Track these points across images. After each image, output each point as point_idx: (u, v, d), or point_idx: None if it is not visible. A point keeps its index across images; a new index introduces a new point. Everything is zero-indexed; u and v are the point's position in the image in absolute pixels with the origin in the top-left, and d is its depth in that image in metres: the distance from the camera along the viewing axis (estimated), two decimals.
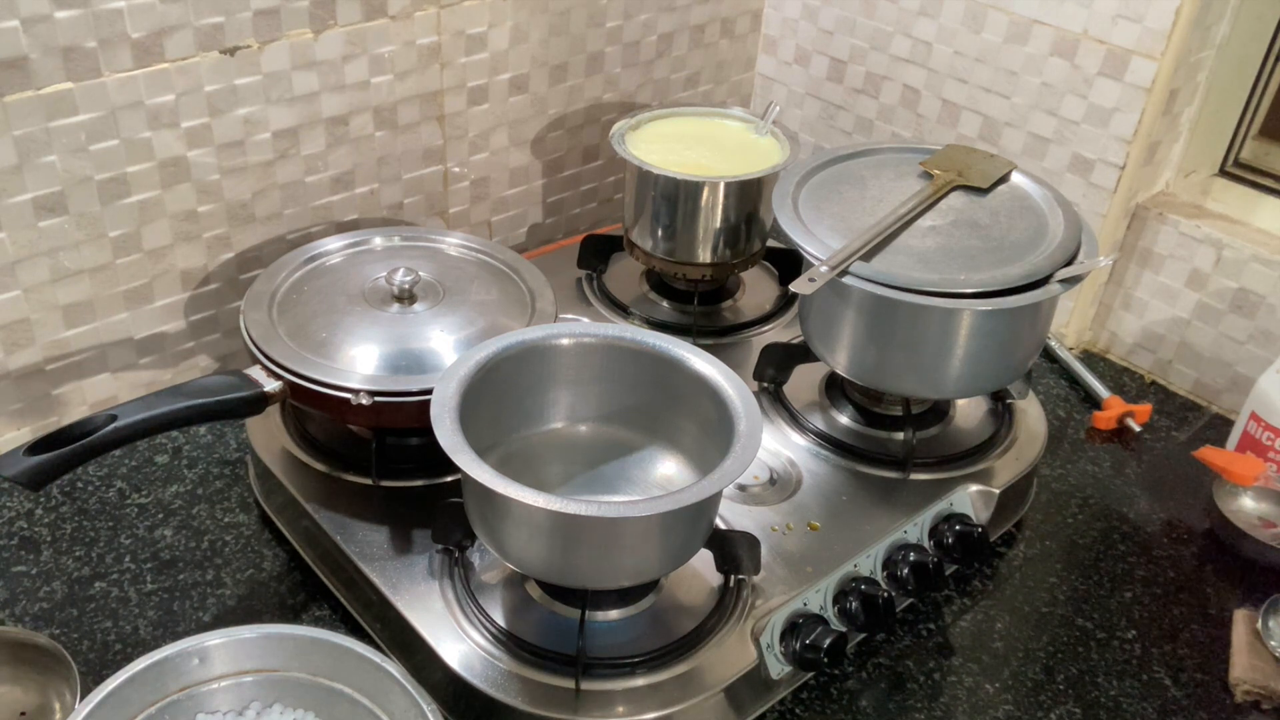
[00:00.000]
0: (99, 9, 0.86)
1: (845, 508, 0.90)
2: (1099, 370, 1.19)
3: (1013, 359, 0.92)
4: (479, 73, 1.13)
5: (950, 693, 0.84)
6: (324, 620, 0.86)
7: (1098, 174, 1.13)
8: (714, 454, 0.74)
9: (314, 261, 0.95)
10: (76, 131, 0.89)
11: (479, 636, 0.77)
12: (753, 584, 0.82)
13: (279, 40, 0.97)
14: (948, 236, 0.90)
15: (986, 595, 0.93)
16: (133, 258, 0.98)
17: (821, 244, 0.88)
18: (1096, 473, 1.07)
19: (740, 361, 1.03)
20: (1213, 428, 1.14)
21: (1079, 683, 0.86)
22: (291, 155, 1.03)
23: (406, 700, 0.68)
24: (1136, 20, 1.05)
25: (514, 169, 1.23)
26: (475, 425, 0.74)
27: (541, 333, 0.82)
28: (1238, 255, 1.10)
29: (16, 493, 0.95)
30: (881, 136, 1.31)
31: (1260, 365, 1.06)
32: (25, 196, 0.89)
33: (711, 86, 1.38)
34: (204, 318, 1.05)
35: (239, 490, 0.97)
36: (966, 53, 1.19)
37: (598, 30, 1.21)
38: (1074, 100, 1.12)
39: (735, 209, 1.07)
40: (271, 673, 0.71)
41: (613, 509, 0.70)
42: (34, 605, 0.86)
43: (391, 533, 0.85)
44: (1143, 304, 1.18)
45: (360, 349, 0.86)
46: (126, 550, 0.91)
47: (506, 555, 0.75)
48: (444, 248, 0.99)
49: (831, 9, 1.29)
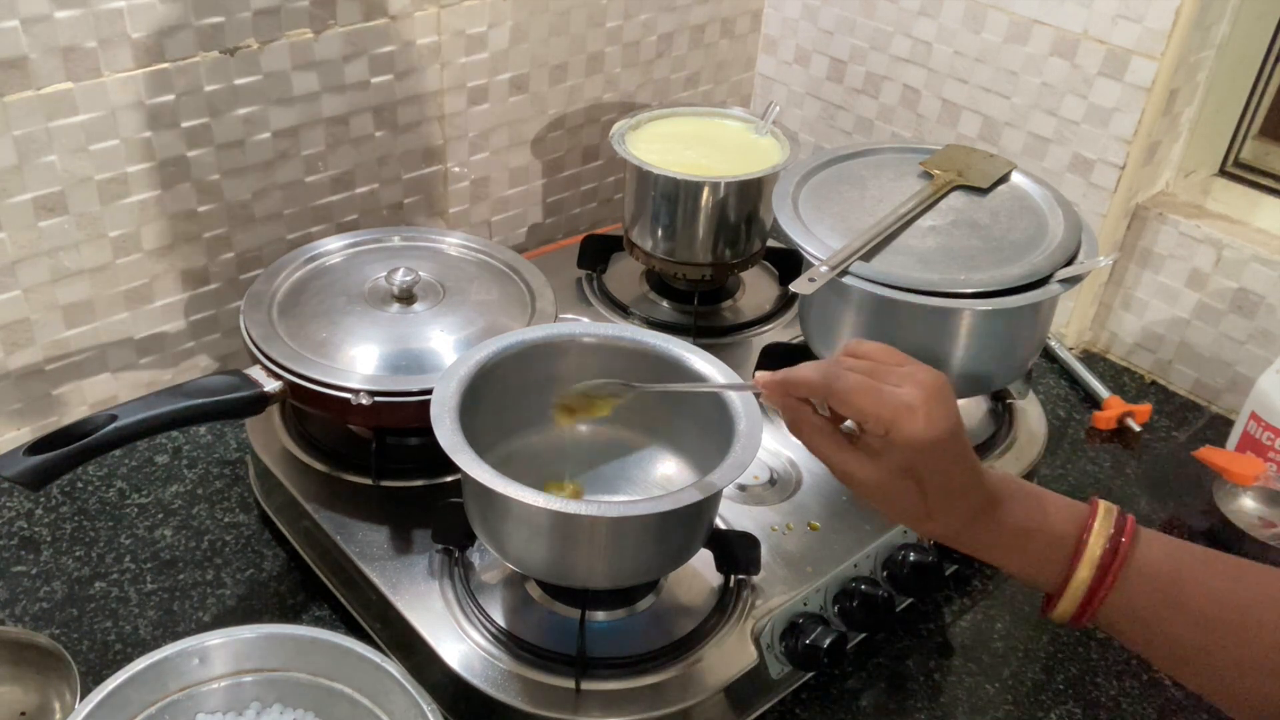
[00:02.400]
0: (99, 9, 0.86)
1: (845, 508, 0.89)
2: (1099, 370, 1.19)
3: (1013, 359, 0.92)
4: (479, 73, 1.13)
5: (950, 693, 0.84)
6: (324, 620, 0.86)
7: (1098, 174, 1.13)
8: (714, 454, 0.74)
9: (314, 261, 0.95)
10: (76, 131, 0.89)
11: (479, 636, 0.77)
12: (753, 584, 0.82)
13: (279, 40, 0.97)
14: (948, 236, 0.90)
15: (986, 595, 0.93)
16: (133, 258, 0.98)
17: (821, 244, 0.88)
18: (1096, 473, 1.07)
19: (740, 361, 1.03)
20: (1213, 428, 1.14)
21: (1079, 683, 0.86)
22: (291, 155, 1.03)
23: (406, 700, 0.68)
24: (1136, 20, 1.05)
25: (514, 169, 1.23)
26: (475, 425, 0.74)
27: (541, 333, 0.82)
28: (1238, 255, 1.10)
29: (16, 493, 0.95)
30: (881, 136, 1.31)
31: (1260, 365, 1.06)
32: (25, 196, 0.89)
33: (711, 86, 1.38)
34: (204, 318, 1.05)
35: (239, 490, 0.97)
36: (966, 53, 1.19)
37: (598, 30, 1.21)
38: (1074, 100, 1.12)
39: (735, 209, 1.07)
40: (271, 673, 0.71)
41: (613, 509, 0.70)
42: (34, 605, 0.86)
43: (391, 533, 0.85)
44: (1143, 304, 1.18)
45: (360, 349, 0.86)
46: (126, 550, 0.91)
47: (506, 555, 0.75)
48: (444, 248, 0.99)
49: (831, 9, 1.29)
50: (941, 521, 0.62)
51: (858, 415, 0.61)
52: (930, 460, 0.60)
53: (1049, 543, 0.62)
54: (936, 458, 0.60)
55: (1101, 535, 0.60)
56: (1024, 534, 0.62)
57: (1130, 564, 0.60)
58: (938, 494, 0.61)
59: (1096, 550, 0.60)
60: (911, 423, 0.59)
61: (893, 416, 0.59)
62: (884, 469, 0.61)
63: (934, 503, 0.61)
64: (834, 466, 0.63)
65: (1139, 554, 0.60)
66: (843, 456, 0.63)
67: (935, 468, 0.60)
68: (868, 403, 0.60)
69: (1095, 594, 0.60)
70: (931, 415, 0.59)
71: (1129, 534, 0.61)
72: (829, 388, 0.61)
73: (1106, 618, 0.61)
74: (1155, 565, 0.60)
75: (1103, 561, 0.60)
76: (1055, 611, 0.62)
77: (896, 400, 0.59)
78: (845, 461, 0.62)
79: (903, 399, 0.59)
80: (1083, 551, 0.60)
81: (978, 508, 0.62)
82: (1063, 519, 0.62)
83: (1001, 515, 0.62)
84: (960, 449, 0.61)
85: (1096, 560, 0.60)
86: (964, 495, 0.62)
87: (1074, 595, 0.61)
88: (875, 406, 0.59)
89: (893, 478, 0.61)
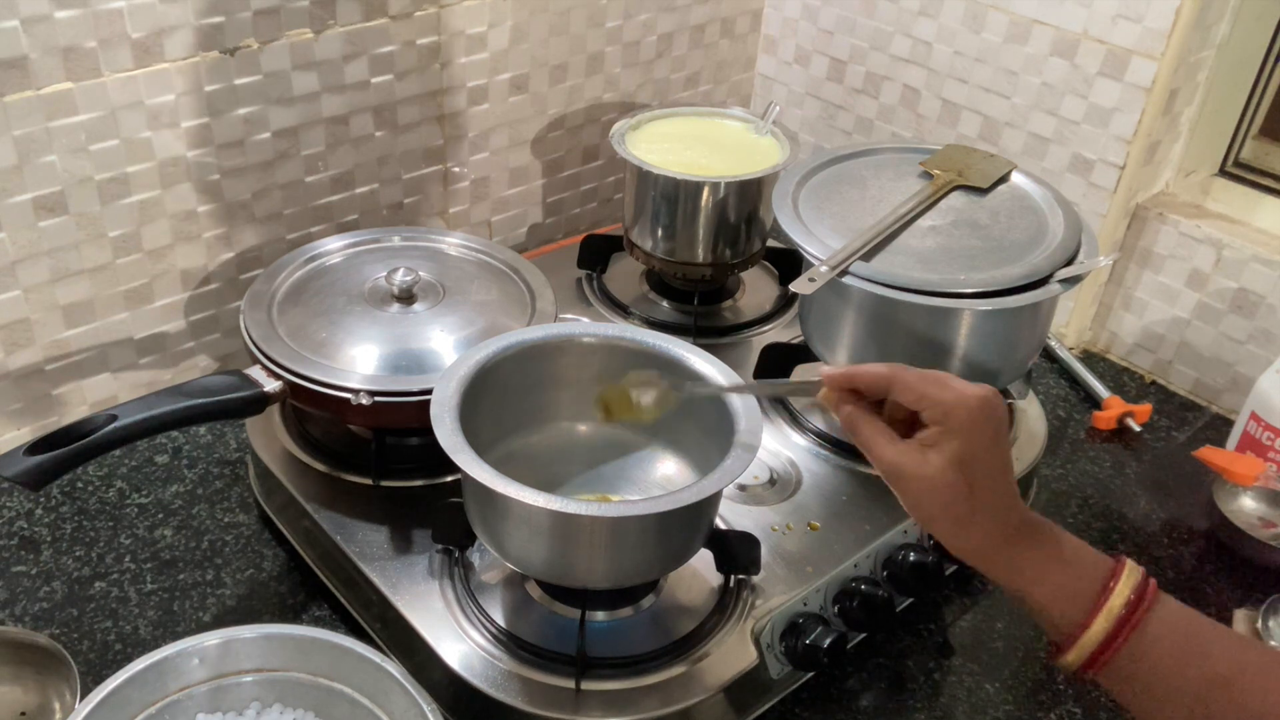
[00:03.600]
0: (99, 9, 0.86)
1: (845, 508, 0.90)
2: (1099, 370, 1.19)
3: (1013, 359, 0.92)
4: (479, 73, 1.13)
5: (950, 693, 0.84)
6: (324, 620, 0.86)
7: (1098, 174, 1.13)
8: (714, 454, 0.74)
9: (314, 261, 0.95)
10: (76, 131, 0.89)
11: (479, 636, 0.77)
12: (753, 584, 0.82)
13: (279, 40, 0.97)
14: (948, 236, 0.90)
15: (986, 595, 0.92)
16: (133, 258, 0.98)
17: (821, 244, 0.88)
18: (1096, 473, 1.07)
19: (740, 361, 1.02)
20: (1213, 428, 1.14)
21: (1079, 683, 0.86)
22: (291, 155, 1.03)
23: (406, 700, 0.68)
24: (1136, 20, 1.05)
25: (514, 169, 1.23)
26: (475, 425, 0.74)
27: (541, 333, 0.82)
28: (1238, 255, 1.10)
29: (16, 493, 0.95)
30: (881, 136, 1.31)
31: (1260, 365, 1.06)
32: (25, 196, 0.89)
33: (711, 86, 1.38)
34: (204, 318, 1.05)
35: (239, 490, 0.97)
36: (966, 53, 1.19)
37: (598, 30, 1.21)
38: (1074, 100, 1.12)
39: (735, 209, 1.07)
40: (271, 673, 0.71)
41: (613, 509, 0.70)
42: (34, 605, 0.86)
43: (391, 533, 0.85)
44: (1143, 304, 1.18)
45: (360, 349, 0.86)
46: (126, 550, 0.91)
47: (506, 555, 0.75)
48: (444, 248, 0.99)
49: (831, 9, 1.29)
50: (982, 530, 0.63)
51: (919, 401, 0.62)
52: (983, 454, 0.61)
53: (1076, 581, 0.62)
54: (989, 452, 0.62)
55: (1123, 593, 0.61)
56: (1054, 567, 0.63)
57: (1146, 626, 0.60)
58: (984, 496, 0.62)
59: (1117, 605, 0.61)
60: (971, 411, 0.61)
61: (955, 400, 0.61)
62: (936, 462, 0.62)
63: (979, 506, 0.62)
64: (885, 461, 0.64)
65: (1155, 616, 0.60)
66: (896, 449, 0.63)
67: (987, 466, 0.62)
68: (931, 388, 0.62)
69: (1109, 647, 0.60)
70: (989, 410, 0.62)
71: (1150, 595, 0.61)
72: (893, 377, 0.64)
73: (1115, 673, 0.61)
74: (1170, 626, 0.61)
75: (1120, 618, 0.60)
76: (1066, 659, 0.62)
77: (959, 388, 0.62)
78: (899, 454, 0.63)
79: (963, 388, 0.62)
80: (1104, 603, 0.61)
81: (1016, 527, 0.63)
82: (1094, 565, 0.63)
83: (1036, 542, 0.63)
84: (1008, 459, 0.63)
85: (1115, 614, 0.60)
86: (1006, 508, 0.63)
87: (1087, 645, 0.61)
88: (939, 391, 0.62)
89: (944, 471, 0.61)
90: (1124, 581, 0.61)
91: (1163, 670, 0.60)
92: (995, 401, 0.62)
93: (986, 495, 0.62)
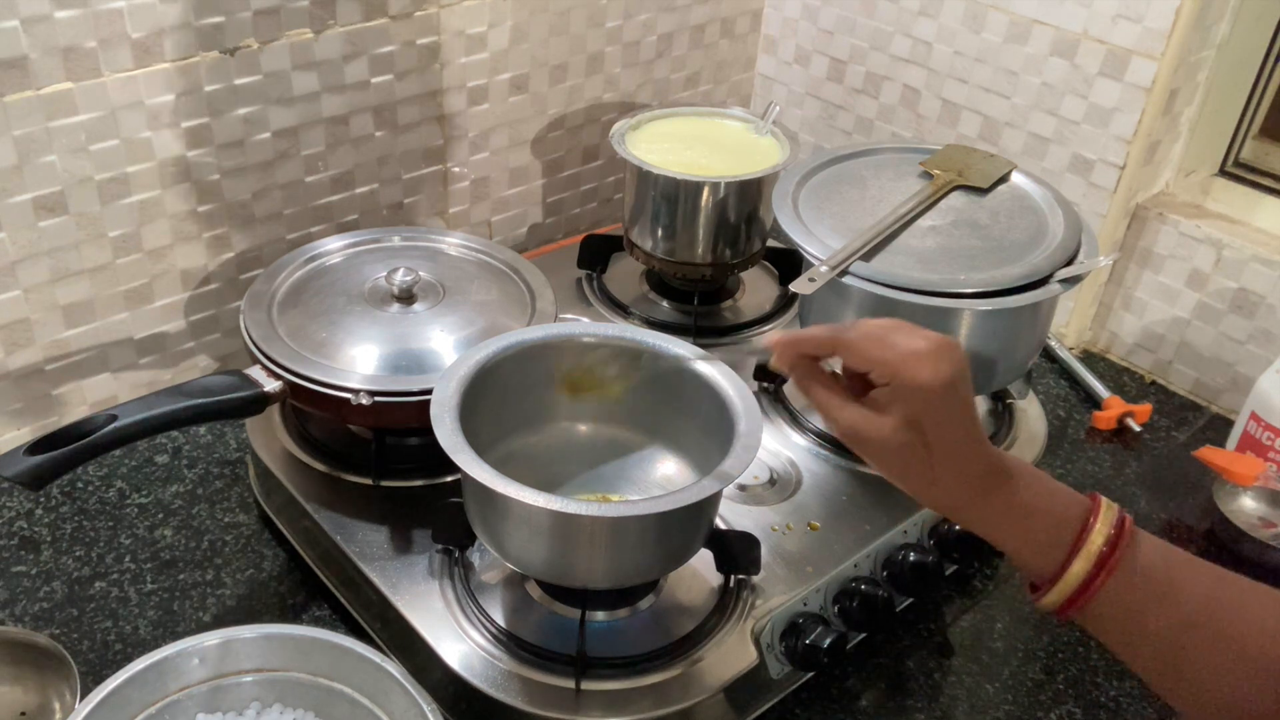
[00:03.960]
0: (99, 9, 0.86)
1: (845, 508, 0.90)
2: (1099, 370, 1.19)
3: (1013, 359, 0.92)
4: (479, 73, 1.13)
5: (950, 693, 0.84)
6: (324, 620, 0.86)
7: (1098, 174, 1.13)
8: (714, 454, 0.74)
9: (314, 261, 0.95)
10: (76, 131, 0.89)
11: (479, 636, 0.77)
12: (753, 584, 0.82)
13: (279, 40, 0.97)
14: (948, 236, 0.90)
15: (986, 595, 0.93)
16: (133, 258, 0.98)
17: (821, 244, 0.88)
18: (1096, 473, 1.07)
19: (740, 362, 1.02)
20: (1213, 428, 1.14)
21: (1079, 683, 0.86)
22: (291, 155, 1.03)
23: (406, 700, 0.68)
24: (1136, 20, 1.05)
25: (514, 169, 1.23)
26: (475, 425, 0.74)
27: (541, 333, 0.82)
28: (1238, 255, 1.10)
29: (16, 493, 0.95)
30: (881, 136, 1.31)
31: (1260, 365, 1.06)
32: (25, 196, 0.89)
33: (711, 86, 1.38)
34: (204, 318, 1.05)
35: (239, 490, 0.97)
36: (966, 53, 1.19)
37: (598, 30, 1.21)
38: (1074, 100, 1.12)
39: (735, 209, 1.07)
40: (271, 673, 0.71)
41: (613, 509, 0.70)
42: (34, 605, 0.86)
43: (391, 533, 0.85)
44: (1143, 304, 1.18)
45: (360, 349, 0.86)
46: (126, 550, 0.91)
47: (506, 555, 0.75)
48: (444, 248, 0.99)
49: (831, 9, 1.29)
50: (946, 488, 0.62)
51: (865, 363, 0.61)
52: (934, 410, 0.60)
53: (1051, 526, 0.62)
54: (939, 407, 0.60)
55: (1102, 532, 0.61)
56: (1028, 514, 0.62)
57: (1124, 564, 0.60)
58: (942, 453, 0.61)
59: (1096, 544, 0.60)
60: (917, 368, 0.59)
61: (900, 361, 0.60)
62: (889, 423, 0.61)
63: (939, 464, 0.61)
64: (840, 423, 0.63)
65: (1132, 554, 0.60)
66: (849, 412, 0.62)
67: (938, 418, 0.60)
68: (875, 349, 0.61)
69: (1088, 588, 0.60)
70: (938, 363, 0.60)
71: (1127, 533, 0.61)
72: (837, 339, 0.63)
73: (1093, 612, 0.61)
74: (1146, 566, 0.61)
75: (1100, 557, 0.60)
76: (1044, 600, 0.62)
77: (904, 347, 0.60)
78: (852, 417, 0.62)
79: (910, 346, 0.60)
80: (1082, 544, 0.60)
81: (984, 478, 0.62)
82: (1067, 507, 0.62)
83: (1008, 491, 0.62)
84: (963, 405, 0.61)
85: (1094, 555, 0.60)
86: (968, 459, 0.62)
87: (1067, 587, 0.61)
88: (882, 352, 0.60)
89: (897, 432, 0.60)
90: (1102, 519, 0.61)
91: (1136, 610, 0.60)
92: (944, 351, 0.60)
93: (946, 450, 0.61)
